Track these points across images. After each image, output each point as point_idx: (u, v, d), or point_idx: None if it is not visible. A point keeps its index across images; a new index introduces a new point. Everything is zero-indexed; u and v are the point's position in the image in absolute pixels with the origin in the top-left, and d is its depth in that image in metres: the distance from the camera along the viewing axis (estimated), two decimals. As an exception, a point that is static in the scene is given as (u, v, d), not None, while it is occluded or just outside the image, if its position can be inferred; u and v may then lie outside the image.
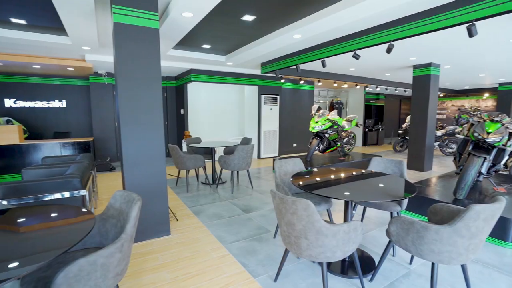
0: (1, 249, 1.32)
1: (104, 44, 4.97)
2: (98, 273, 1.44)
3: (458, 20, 3.04)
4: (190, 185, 5.15)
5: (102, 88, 7.30)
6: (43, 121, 7.20)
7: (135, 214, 1.62)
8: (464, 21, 2.99)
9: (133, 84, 2.74)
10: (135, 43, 2.74)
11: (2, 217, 1.71)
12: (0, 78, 6.70)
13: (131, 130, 2.76)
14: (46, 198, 2.77)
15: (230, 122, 8.94)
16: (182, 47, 5.45)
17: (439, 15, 3.15)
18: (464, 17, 2.99)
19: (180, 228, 3.25)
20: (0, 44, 4.70)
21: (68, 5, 3.03)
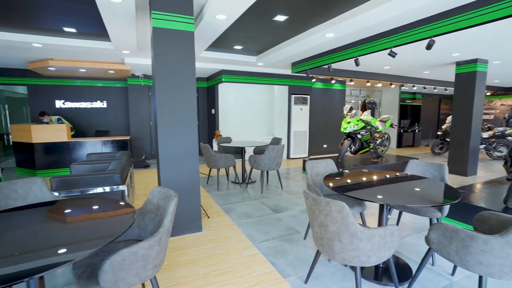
0: (57, 237, 1.45)
1: (141, 47, 5.25)
2: (139, 263, 1.53)
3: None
4: (221, 183, 5.26)
5: (138, 89, 7.71)
6: (87, 120, 7.77)
7: (172, 210, 1.69)
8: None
9: (170, 85, 2.87)
10: (171, 46, 2.86)
11: (52, 207, 1.88)
12: (52, 81, 7.35)
13: (167, 129, 2.89)
14: (90, 191, 2.99)
15: (260, 122, 8.99)
16: (214, 49, 5.58)
17: (491, 5, 2.91)
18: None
19: (211, 225, 3.34)
20: (54, 51, 5.16)
21: (112, 14, 3.24)
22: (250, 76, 7.25)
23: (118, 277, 1.47)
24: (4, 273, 1.12)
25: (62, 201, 2.03)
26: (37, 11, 3.55)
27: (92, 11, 3.56)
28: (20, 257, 1.23)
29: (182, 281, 2.25)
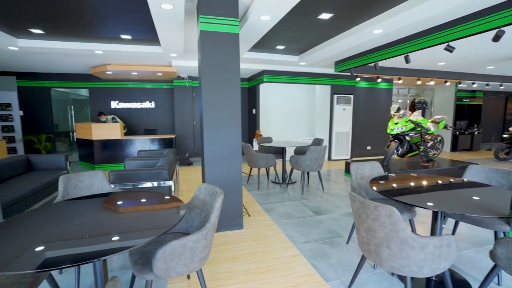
0: (117, 225, 1.59)
1: (188, 50, 5.51)
2: (187, 255, 1.61)
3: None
4: (261, 183, 5.31)
5: (183, 90, 8.12)
6: (137, 119, 8.39)
7: (218, 206, 1.76)
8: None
9: (215, 86, 2.98)
10: (217, 48, 2.96)
11: (110, 198, 2.07)
12: (109, 84, 8.09)
13: (212, 129, 3.00)
14: (140, 185, 3.23)
15: (300, 122, 8.88)
16: (257, 49, 5.65)
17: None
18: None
19: (252, 223, 3.39)
20: (112, 57, 5.68)
21: (163, 20, 3.46)
22: (292, 76, 7.20)
23: (169, 266, 1.57)
24: (76, 252, 1.27)
25: (115, 193, 2.23)
26: (99, 22, 3.93)
27: (145, 18, 3.84)
28: (89, 240, 1.38)
29: (224, 275, 2.32)
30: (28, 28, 4.23)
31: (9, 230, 1.50)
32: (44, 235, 1.45)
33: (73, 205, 1.92)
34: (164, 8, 3.09)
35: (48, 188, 3.89)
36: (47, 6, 3.40)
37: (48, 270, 1.17)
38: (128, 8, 3.47)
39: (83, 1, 3.27)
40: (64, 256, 1.26)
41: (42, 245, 1.35)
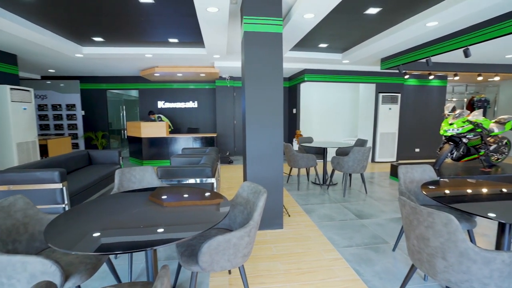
0: (166, 218, 1.69)
1: (230, 51, 5.65)
2: (231, 250, 1.65)
3: None
4: (301, 183, 5.25)
5: (225, 90, 8.34)
6: (181, 118, 8.83)
7: (261, 204, 1.77)
8: None
9: (258, 86, 3.01)
10: (261, 48, 2.99)
11: (157, 192, 2.20)
12: (156, 85, 8.63)
13: (255, 128, 3.04)
14: (184, 181, 3.39)
15: (342, 122, 8.59)
16: (298, 48, 5.58)
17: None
18: None
19: (292, 224, 3.36)
20: (160, 60, 6.05)
21: (209, 23, 3.59)
22: (334, 75, 6.99)
23: (213, 259, 1.62)
24: (130, 240, 1.38)
25: (160, 188, 2.36)
26: (151, 28, 4.21)
27: (191, 22, 4.02)
28: (142, 230, 1.49)
29: (264, 273, 2.34)
30: (92, 37, 4.70)
31: (75, 217, 1.68)
32: (104, 222, 1.60)
33: (128, 197, 2.09)
34: (210, 11, 3.21)
35: (105, 180, 4.28)
36: (108, 17, 3.73)
37: (107, 254, 1.29)
38: (178, 12, 3.67)
39: (139, 10, 3.53)
40: (120, 243, 1.38)
41: (102, 231, 1.49)
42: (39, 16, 3.77)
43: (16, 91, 5.25)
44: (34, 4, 3.34)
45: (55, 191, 3.16)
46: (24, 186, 3.13)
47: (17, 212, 1.72)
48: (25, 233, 1.74)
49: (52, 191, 3.16)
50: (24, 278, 1.38)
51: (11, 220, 1.67)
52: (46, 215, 1.90)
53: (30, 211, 1.81)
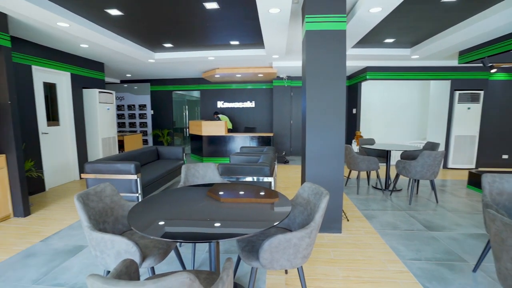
0: (229, 213, 1.77)
1: (289, 51, 5.64)
2: (291, 250, 1.65)
3: None
4: (361, 187, 4.97)
5: (282, 90, 8.36)
6: (239, 118, 9.14)
7: (324, 206, 1.73)
8: None
9: (320, 85, 2.94)
10: (323, 46, 2.92)
11: (220, 188, 2.31)
12: (216, 86, 9.09)
13: (315, 128, 2.98)
14: (242, 179, 3.50)
15: (408, 124, 7.86)
16: (361, 45, 5.29)
17: None
18: None
19: (351, 229, 3.21)
20: (221, 62, 6.35)
21: (270, 23, 3.63)
22: (400, 72, 6.45)
23: (273, 257, 1.64)
24: (198, 231, 1.48)
25: (217, 184, 2.47)
26: (214, 32, 4.45)
27: (252, 24, 4.12)
28: (208, 223, 1.58)
29: (322, 277, 2.28)
30: (163, 43, 5.18)
31: (151, 206, 1.87)
32: (175, 213, 1.75)
33: (194, 191, 2.24)
34: (272, 12, 3.24)
35: (171, 174, 4.67)
36: (178, 25, 4.06)
37: (181, 242, 1.40)
38: (240, 16, 3.80)
39: (205, 16, 3.76)
40: (189, 233, 1.48)
41: (173, 221, 1.63)
42: (123, 28, 4.29)
43: (103, 94, 6.07)
44: (120, 18, 3.82)
45: (131, 181, 3.57)
46: (107, 176, 3.60)
47: (106, 197, 2.00)
48: (111, 216, 2.01)
49: (129, 181, 3.57)
50: (112, 253, 1.59)
51: (102, 204, 1.94)
52: (127, 202, 2.16)
53: (115, 197, 2.07)
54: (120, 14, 3.70)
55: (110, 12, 3.63)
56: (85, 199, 1.81)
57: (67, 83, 5.48)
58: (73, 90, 5.58)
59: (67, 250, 2.75)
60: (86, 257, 2.62)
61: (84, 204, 1.77)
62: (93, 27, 4.04)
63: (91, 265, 2.49)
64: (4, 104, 3.44)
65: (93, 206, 1.86)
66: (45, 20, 3.51)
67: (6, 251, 2.75)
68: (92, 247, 1.64)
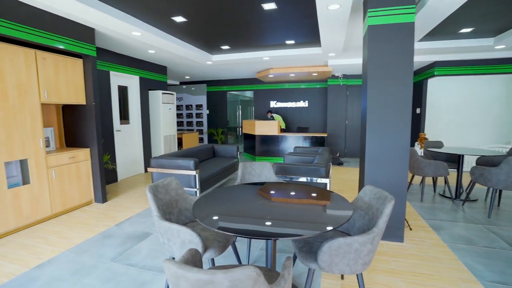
0: (288, 212, 1.77)
1: (346, 48, 5.40)
2: (352, 255, 1.58)
3: None
4: (425, 194, 4.52)
5: (337, 89, 8.05)
6: (291, 117, 9.08)
7: (388, 212, 1.62)
8: None
9: (383, 83, 2.75)
10: (387, 41, 2.72)
11: (269, 187, 2.31)
12: (269, 86, 9.17)
13: (377, 129, 2.80)
14: (297, 179, 3.46)
15: (486, 125, 6.88)
16: (429, 38, 4.81)
17: None
18: None
19: (415, 239, 2.94)
20: (275, 61, 6.39)
21: (328, 21, 3.53)
22: (479, 65, 5.69)
23: (332, 261, 1.59)
24: (256, 229, 1.51)
25: (269, 183, 2.47)
26: (270, 32, 4.49)
27: (309, 23, 4.05)
28: (267, 220, 1.60)
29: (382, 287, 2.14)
30: (220, 46, 5.42)
31: (213, 200, 1.97)
32: (236, 208, 1.81)
33: (251, 188, 2.30)
34: (331, 8, 3.14)
35: (226, 172, 4.86)
36: (235, 27, 4.21)
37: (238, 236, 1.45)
38: (297, 15, 3.77)
39: (263, 17, 3.82)
40: (250, 229, 1.52)
41: (232, 216, 1.68)
42: (185, 34, 4.61)
43: (165, 95, 6.61)
44: (184, 24, 4.11)
45: (190, 177, 3.81)
46: (169, 170, 3.90)
47: (172, 190, 2.17)
48: (176, 207, 2.17)
49: (188, 176, 3.82)
50: (178, 242, 1.71)
51: (168, 196, 2.11)
52: (189, 196, 2.31)
53: (179, 190, 2.24)
54: (184, 21, 3.98)
55: (176, 19, 3.92)
56: (154, 191, 1.99)
57: (136, 86, 6.09)
58: (141, 92, 6.18)
59: (136, 235, 3.07)
60: (152, 243, 2.88)
61: (154, 195, 1.95)
62: (160, 34, 4.42)
63: (157, 251, 2.73)
64: (90, 105, 3.97)
65: (161, 197, 2.04)
66: (123, 30, 3.95)
67: (90, 231, 3.18)
68: (160, 234, 1.79)
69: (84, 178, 4.00)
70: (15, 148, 3.11)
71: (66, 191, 3.73)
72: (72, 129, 4.15)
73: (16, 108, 3.10)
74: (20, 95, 3.14)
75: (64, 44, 3.52)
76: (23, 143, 3.19)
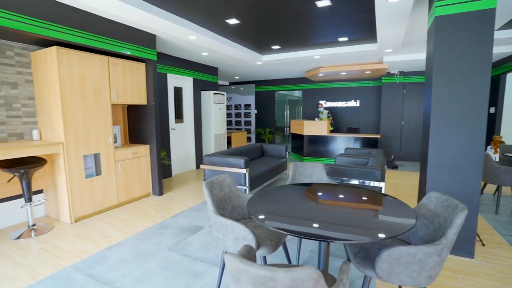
0: (345, 215, 1.70)
1: (405, 43, 5.01)
2: (415, 266, 1.46)
3: None
4: (502, 206, 3.95)
5: (392, 87, 7.51)
6: (341, 117, 8.73)
7: (460, 222, 1.46)
8: None
9: (452, 80, 2.48)
10: (459, 32, 2.44)
11: (333, 188, 2.23)
12: (318, 85, 8.95)
13: (443, 130, 2.54)
14: (349, 181, 3.31)
15: None
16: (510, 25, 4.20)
17: None
18: None
19: (488, 256, 2.59)
20: (326, 60, 6.21)
21: (388, 14, 3.30)
22: None
23: (392, 270, 1.49)
24: (311, 230, 1.48)
25: (317, 184, 2.38)
26: (322, 30, 4.37)
27: (364, 18, 3.84)
28: (323, 222, 1.56)
29: (449, 307, 1.93)
30: (271, 46, 5.45)
31: (265, 199, 1.98)
32: (288, 208, 1.81)
33: (303, 189, 2.26)
34: (391, 1, 2.94)
35: (274, 171, 4.88)
36: (287, 26, 4.19)
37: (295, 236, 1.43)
38: (352, 10, 3.61)
39: (316, 15, 3.74)
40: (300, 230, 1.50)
41: (286, 216, 1.68)
42: (237, 35, 4.73)
43: (216, 95, 6.88)
44: (236, 26, 4.23)
45: (240, 175, 3.91)
46: (221, 168, 4.05)
47: (226, 187, 2.24)
48: (229, 204, 2.24)
49: (238, 174, 3.92)
50: (232, 237, 1.77)
51: (222, 192, 2.20)
52: (241, 193, 2.37)
53: (233, 187, 2.31)
54: (237, 23, 4.09)
55: (229, 22, 4.05)
56: (210, 187, 2.08)
57: (190, 87, 6.45)
58: (194, 92, 6.52)
59: (189, 228, 3.25)
60: (204, 237, 3.02)
61: (210, 191, 2.04)
62: (213, 36, 4.61)
63: (209, 244, 2.85)
64: (150, 105, 4.32)
65: (216, 193, 2.12)
66: (180, 35, 4.22)
67: (149, 221, 3.47)
68: (215, 229, 1.87)
69: (144, 172, 4.37)
70: (91, 143, 3.53)
71: (129, 183, 4.11)
72: (134, 127, 4.57)
73: (92, 108, 3.52)
74: (95, 96, 3.55)
75: (131, 50, 3.88)
76: (97, 139, 3.61)
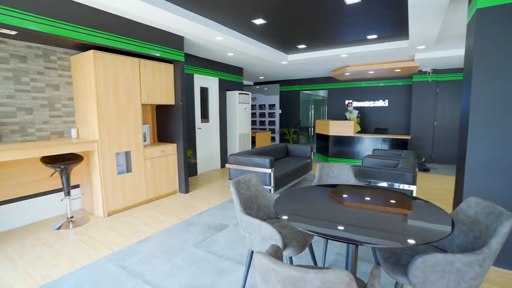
0: (376, 219, 1.64)
1: (440, 39, 4.75)
2: (452, 276, 1.38)
3: None
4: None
5: (424, 86, 7.16)
6: (369, 118, 8.46)
7: (506, 231, 1.35)
8: None
9: (496, 76, 2.32)
10: (505, 25, 2.27)
11: (361, 191, 2.17)
12: (345, 85, 8.73)
13: (484, 131, 2.37)
14: (376, 183, 3.19)
15: None
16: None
17: None
18: None
19: (534, 268, 2.39)
20: (353, 58, 6.04)
21: (422, 9, 3.14)
22: None
23: (427, 278, 1.41)
24: (337, 234, 1.44)
25: (342, 185, 2.31)
26: (349, 28, 4.25)
27: (395, 14, 3.69)
28: (351, 224, 1.52)
29: (489, 320, 1.80)
30: (296, 45, 5.40)
31: (292, 199, 1.97)
32: (316, 209, 1.78)
33: (330, 190, 2.22)
34: (426, -5, 2.80)
35: (299, 171, 4.83)
36: (313, 25, 4.13)
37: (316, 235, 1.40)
38: (382, 6, 3.48)
39: (344, 12, 3.65)
40: (328, 232, 1.47)
41: (315, 217, 1.65)
42: (263, 35, 4.74)
43: (241, 95, 6.93)
44: (262, 26, 4.24)
45: (266, 174, 3.91)
46: (246, 167, 4.08)
47: (252, 186, 2.26)
48: (256, 203, 2.25)
49: (263, 174, 3.92)
50: (258, 237, 1.77)
51: (249, 191, 2.21)
52: (267, 193, 2.37)
53: (259, 187, 2.31)
54: (264, 23, 4.09)
55: (256, 22, 4.07)
56: (237, 186, 2.10)
57: (215, 87, 6.55)
58: (220, 92, 6.62)
59: (214, 226, 3.30)
60: (229, 235, 3.06)
61: (237, 190, 2.06)
62: (239, 36, 4.65)
63: (233, 242, 2.88)
64: (178, 105, 4.45)
65: (242, 192, 2.14)
66: (207, 36, 4.30)
67: (176, 217, 3.57)
68: (242, 228, 1.88)
69: (171, 170, 4.50)
70: (123, 141, 3.70)
71: (157, 181, 4.26)
72: (162, 126, 4.73)
73: (124, 108, 3.69)
74: (127, 97, 3.72)
75: (160, 52, 4.02)
76: (128, 137, 3.78)
